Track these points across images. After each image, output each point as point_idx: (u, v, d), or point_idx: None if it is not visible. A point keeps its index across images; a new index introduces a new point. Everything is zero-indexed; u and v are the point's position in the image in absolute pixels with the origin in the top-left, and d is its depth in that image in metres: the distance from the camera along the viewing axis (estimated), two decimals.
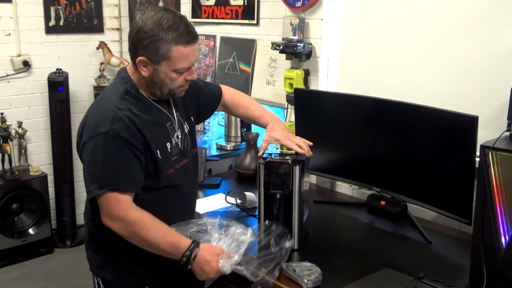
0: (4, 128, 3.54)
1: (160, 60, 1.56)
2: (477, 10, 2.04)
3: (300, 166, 1.79)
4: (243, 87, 3.04)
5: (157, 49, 1.54)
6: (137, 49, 1.57)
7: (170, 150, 1.70)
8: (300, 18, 2.59)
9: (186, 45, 1.56)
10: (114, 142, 1.55)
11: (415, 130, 2.02)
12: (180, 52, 1.56)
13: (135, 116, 1.59)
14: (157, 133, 1.66)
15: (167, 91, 1.65)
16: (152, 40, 1.53)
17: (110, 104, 1.60)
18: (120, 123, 1.56)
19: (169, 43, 1.54)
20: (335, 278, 1.66)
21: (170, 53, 1.55)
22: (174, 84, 1.63)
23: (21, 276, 3.48)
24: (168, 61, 1.56)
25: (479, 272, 1.52)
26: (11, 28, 3.64)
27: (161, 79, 1.61)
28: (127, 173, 1.58)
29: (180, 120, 1.78)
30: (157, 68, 1.58)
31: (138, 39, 1.56)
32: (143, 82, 1.65)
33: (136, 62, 1.59)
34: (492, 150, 1.48)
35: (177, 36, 1.54)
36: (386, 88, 2.29)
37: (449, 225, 2.11)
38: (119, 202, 1.58)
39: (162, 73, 1.59)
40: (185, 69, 1.61)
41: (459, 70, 2.12)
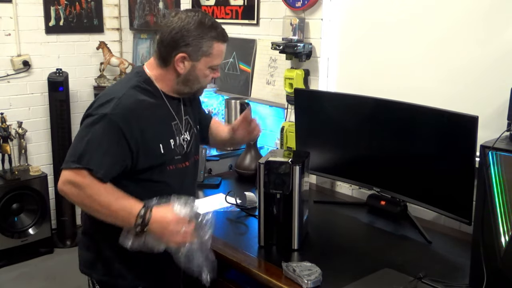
0: (4, 128, 3.54)
1: (200, 56, 1.65)
2: (477, 10, 2.04)
3: (300, 166, 1.79)
4: (243, 87, 3.04)
5: (201, 46, 1.63)
6: (177, 46, 1.63)
7: (173, 147, 1.71)
8: (300, 18, 2.59)
9: (223, 43, 1.69)
10: (110, 126, 1.56)
11: (415, 130, 2.02)
12: (219, 49, 1.68)
13: (141, 107, 1.62)
14: (161, 127, 1.69)
15: (197, 88, 1.74)
16: (197, 38, 1.63)
17: (120, 90, 1.63)
18: (123, 111, 1.58)
19: (211, 40, 1.65)
20: (335, 278, 1.66)
21: (211, 50, 1.65)
22: (205, 81, 1.72)
23: (21, 276, 3.47)
24: (208, 57, 1.66)
25: (479, 272, 1.52)
26: (11, 28, 3.64)
27: (196, 75, 1.68)
28: (105, 159, 1.56)
29: (190, 123, 1.81)
30: (195, 64, 1.66)
31: (182, 36, 1.63)
32: (171, 80, 1.69)
33: (176, 58, 1.64)
34: (492, 150, 1.48)
35: (217, 35, 1.66)
36: (386, 88, 2.29)
37: (449, 225, 2.11)
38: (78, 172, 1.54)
39: (198, 70, 1.67)
40: (217, 66, 1.71)
41: (459, 70, 2.12)
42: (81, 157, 1.54)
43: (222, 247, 1.88)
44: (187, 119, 1.80)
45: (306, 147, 2.39)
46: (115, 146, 1.57)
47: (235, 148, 2.79)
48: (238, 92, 3.07)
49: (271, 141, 2.92)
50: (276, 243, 1.88)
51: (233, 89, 3.11)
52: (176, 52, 1.64)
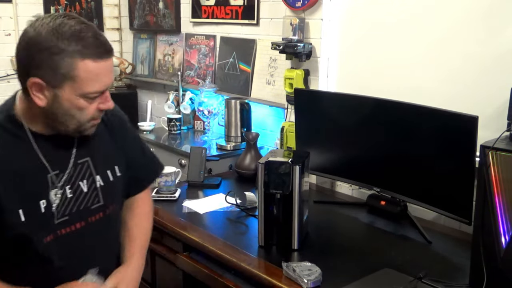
0: None
1: (61, 81, 1.17)
2: (477, 10, 2.04)
3: (300, 166, 1.79)
4: (243, 87, 3.04)
5: (57, 66, 1.15)
6: (27, 68, 1.18)
7: (44, 210, 1.27)
8: (300, 18, 2.59)
9: (97, 59, 1.18)
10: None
11: (415, 130, 2.02)
12: (89, 70, 1.18)
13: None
14: (25, 185, 1.24)
15: (75, 125, 1.25)
16: (49, 54, 1.15)
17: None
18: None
19: (73, 57, 1.16)
20: (335, 278, 1.66)
21: (75, 71, 1.17)
22: (83, 115, 1.24)
23: None
24: (73, 82, 1.18)
25: (479, 272, 1.52)
26: (11, 28, 3.65)
27: (64, 109, 1.21)
28: None
29: (90, 168, 1.36)
30: (58, 93, 1.19)
31: (29, 55, 1.17)
32: (38, 116, 1.25)
33: (28, 86, 1.19)
34: (492, 150, 1.48)
35: (83, 48, 1.16)
36: (386, 88, 2.29)
37: (449, 225, 2.11)
38: None
39: (65, 101, 1.20)
40: (97, 93, 1.22)
41: (459, 70, 2.12)
42: None
43: (222, 247, 1.88)
44: (85, 163, 1.35)
45: (306, 147, 2.39)
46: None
47: None
48: (238, 92, 3.07)
49: (271, 141, 2.92)
50: (276, 243, 1.88)
51: (233, 89, 3.11)
52: (27, 77, 1.18)
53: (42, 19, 1.19)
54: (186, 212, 2.21)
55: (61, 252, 1.30)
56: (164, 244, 2.16)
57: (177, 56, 3.59)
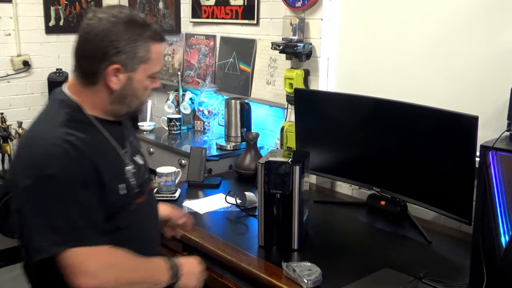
0: (4, 128, 3.54)
1: (137, 64, 1.33)
2: (478, 10, 2.04)
3: (300, 166, 1.79)
4: (243, 87, 3.04)
5: (136, 51, 1.32)
6: (106, 57, 1.30)
7: (130, 183, 1.42)
8: (300, 18, 2.59)
9: (161, 42, 1.38)
10: (66, 185, 1.25)
11: (415, 130, 2.02)
12: (158, 51, 1.36)
13: (85, 147, 1.29)
14: (114, 163, 1.39)
15: (136, 105, 1.41)
16: (130, 41, 1.30)
17: (52, 136, 1.28)
18: (70, 161, 1.26)
19: (148, 41, 1.33)
20: (335, 278, 1.66)
21: (149, 54, 1.34)
22: (146, 94, 1.40)
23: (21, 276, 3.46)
24: (146, 64, 1.34)
25: (479, 272, 1.52)
26: (11, 28, 3.65)
27: (133, 89, 1.36)
28: (90, 221, 1.29)
29: (135, 146, 1.54)
30: (132, 75, 1.34)
31: (110, 43, 1.29)
32: (103, 101, 1.37)
33: (107, 72, 1.31)
34: (492, 150, 1.48)
35: (153, 34, 1.35)
36: (386, 88, 2.29)
37: (449, 225, 2.11)
38: (96, 253, 1.29)
39: (136, 82, 1.35)
40: (157, 74, 1.40)
41: (459, 70, 2.12)
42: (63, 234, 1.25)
43: (222, 247, 1.88)
44: (132, 141, 1.52)
45: (306, 147, 2.39)
46: (88, 200, 1.29)
47: None
48: (238, 92, 3.07)
49: (271, 141, 2.92)
50: (276, 243, 1.88)
51: (233, 89, 3.11)
52: (106, 64, 1.30)
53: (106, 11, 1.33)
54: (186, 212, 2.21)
55: (142, 219, 1.47)
56: (164, 244, 2.15)
57: (177, 56, 3.59)
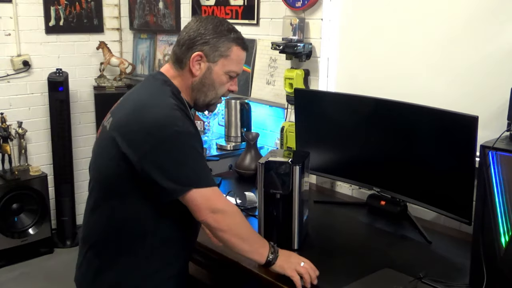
0: (4, 128, 3.54)
1: (217, 57, 1.57)
2: (478, 10, 2.04)
3: (300, 166, 1.79)
4: (243, 87, 3.04)
5: (219, 45, 1.56)
6: (194, 44, 1.55)
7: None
8: (300, 18, 2.60)
9: (243, 49, 1.61)
10: (196, 140, 1.53)
11: (415, 130, 2.02)
12: (238, 54, 1.59)
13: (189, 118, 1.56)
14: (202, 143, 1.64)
15: (212, 96, 1.62)
16: (215, 36, 1.55)
17: (168, 103, 1.52)
18: (190, 123, 1.53)
19: (231, 42, 1.57)
20: (335, 278, 1.66)
21: (229, 52, 1.57)
22: (220, 90, 1.62)
23: (21, 276, 3.48)
24: (226, 59, 1.57)
25: (479, 272, 1.52)
26: (11, 28, 3.64)
27: (212, 80, 1.59)
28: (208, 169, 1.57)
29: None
30: (212, 66, 1.57)
31: (199, 34, 1.55)
32: (188, 86, 1.60)
33: (191, 58, 1.56)
34: (492, 150, 1.48)
35: (237, 38, 1.59)
36: (386, 88, 2.29)
37: (449, 225, 2.11)
38: (220, 195, 1.56)
39: (215, 73, 1.58)
40: (235, 74, 1.62)
41: (459, 70, 2.12)
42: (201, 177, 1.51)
43: (222, 247, 1.87)
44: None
45: (306, 147, 2.39)
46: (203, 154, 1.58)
47: None
48: (238, 92, 3.06)
49: (271, 141, 2.92)
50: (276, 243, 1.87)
51: None
52: (192, 51, 1.56)
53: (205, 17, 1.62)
54: None
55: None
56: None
57: None
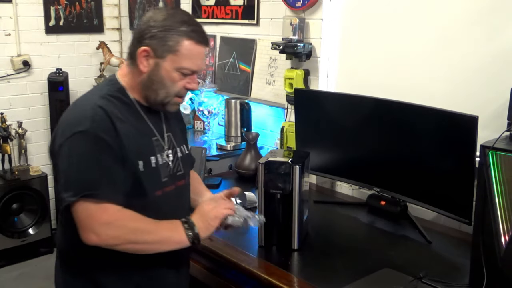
0: (4, 128, 3.54)
1: (165, 52, 1.42)
2: (478, 10, 2.04)
3: (300, 166, 1.79)
4: (243, 87, 3.04)
5: (166, 39, 1.41)
6: (142, 39, 1.43)
7: (155, 166, 1.49)
8: (300, 18, 2.59)
9: (198, 44, 1.44)
10: (94, 142, 1.37)
11: (415, 130, 2.02)
12: (190, 49, 1.43)
13: (116, 117, 1.42)
14: (139, 142, 1.47)
15: (163, 95, 1.47)
16: (164, 29, 1.41)
17: (91, 102, 1.43)
18: (101, 123, 1.39)
19: (181, 36, 1.42)
20: (335, 278, 1.66)
21: (178, 47, 1.42)
22: (173, 87, 1.46)
23: (21, 276, 3.47)
24: (175, 55, 1.42)
25: (479, 272, 1.52)
26: (11, 28, 3.64)
27: (161, 77, 1.45)
28: (109, 179, 1.38)
29: (172, 141, 1.59)
30: (160, 62, 1.43)
31: (147, 28, 1.43)
32: (138, 83, 1.48)
33: (137, 53, 1.44)
34: (492, 150, 1.48)
35: (190, 31, 1.43)
36: (386, 88, 2.29)
37: (449, 225, 2.11)
38: (104, 210, 1.35)
39: (163, 70, 1.44)
40: (189, 71, 1.46)
41: (459, 70, 2.12)
42: (82, 185, 1.35)
43: (222, 247, 1.88)
44: (169, 137, 1.58)
45: (306, 147, 2.39)
46: (111, 160, 1.38)
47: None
48: (238, 92, 3.07)
49: (271, 141, 2.92)
50: (276, 243, 1.88)
51: (233, 89, 3.11)
52: (140, 45, 1.43)
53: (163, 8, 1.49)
54: None
55: (165, 206, 1.51)
56: None
57: None
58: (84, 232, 1.37)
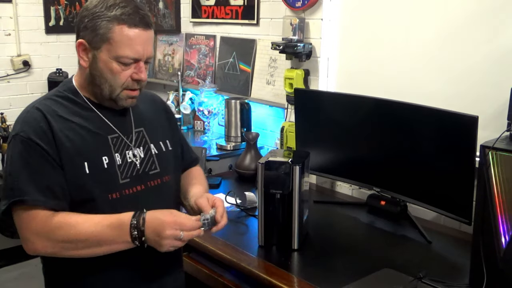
0: (4, 128, 3.54)
1: (99, 42, 1.31)
2: (478, 10, 2.04)
3: (300, 166, 1.79)
4: (243, 87, 3.04)
5: (97, 28, 1.29)
6: (78, 31, 1.34)
7: (109, 166, 1.37)
8: (300, 18, 2.59)
9: (132, 27, 1.30)
10: (24, 145, 1.30)
11: (415, 130, 2.02)
12: (123, 34, 1.30)
13: (56, 118, 1.33)
14: (87, 142, 1.36)
15: (108, 90, 1.36)
16: (93, 18, 1.30)
17: (31, 105, 1.37)
18: (33, 124, 1.31)
19: (110, 21, 1.29)
20: (335, 278, 1.66)
21: (110, 33, 1.29)
22: (115, 80, 1.34)
23: (21, 276, 3.47)
24: (108, 44, 1.30)
25: (479, 272, 1.52)
26: (11, 28, 3.64)
27: (100, 70, 1.33)
28: (38, 184, 1.29)
29: (145, 138, 1.48)
30: (97, 54, 1.32)
31: (80, 19, 1.33)
32: (84, 80, 1.39)
33: (76, 47, 1.35)
34: (492, 150, 1.48)
35: (121, 14, 1.29)
36: (386, 88, 2.29)
37: (449, 225, 2.11)
38: (33, 218, 1.28)
39: (101, 62, 1.32)
40: (129, 59, 1.33)
41: (459, 70, 2.12)
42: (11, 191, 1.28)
43: (222, 247, 1.88)
44: (140, 133, 1.47)
45: (306, 147, 2.39)
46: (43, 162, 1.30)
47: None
48: (238, 92, 3.07)
49: (271, 141, 2.92)
50: (276, 243, 1.88)
51: (233, 89, 3.11)
52: (77, 39, 1.34)
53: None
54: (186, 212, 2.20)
55: (127, 209, 1.34)
56: None
57: (177, 56, 3.58)
58: (22, 242, 1.32)
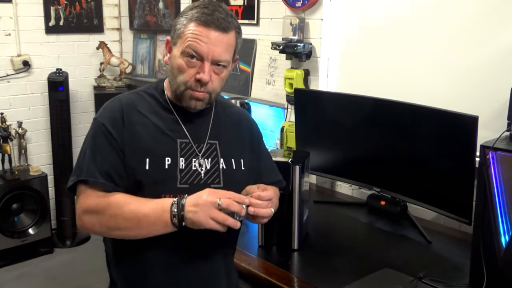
0: (4, 128, 3.54)
1: (176, 38, 1.37)
2: (478, 10, 2.04)
3: (300, 166, 1.79)
4: (243, 87, 3.04)
5: (176, 25, 1.38)
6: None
7: (168, 167, 1.37)
8: (300, 18, 2.60)
9: (202, 25, 1.33)
10: (98, 129, 1.38)
11: (415, 130, 2.02)
12: (192, 29, 1.33)
13: (133, 111, 1.39)
14: (156, 140, 1.38)
15: (175, 86, 1.38)
16: (178, 17, 1.39)
17: (118, 96, 1.46)
18: (110, 112, 1.39)
19: (187, 19, 1.35)
20: (335, 278, 1.66)
21: (184, 29, 1.35)
22: (180, 77, 1.36)
23: (21, 276, 3.47)
24: (180, 39, 1.35)
25: (479, 272, 1.52)
26: (11, 28, 3.64)
27: (171, 65, 1.39)
28: (100, 167, 1.34)
29: (216, 150, 1.45)
30: (173, 50, 1.38)
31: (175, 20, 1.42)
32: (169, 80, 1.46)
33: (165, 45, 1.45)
34: (492, 150, 1.48)
35: (197, 13, 1.34)
36: (386, 88, 2.29)
37: (449, 225, 2.11)
38: (88, 197, 1.34)
39: (174, 57, 1.38)
40: (193, 53, 1.33)
41: (459, 70, 2.12)
42: (80, 171, 1.35)
43: None
44: (213, 144, 1.45)
45: (306, 147, 2.39)
46: (109, 147, 1.35)
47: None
48: (238, 92, 3.07)
49: (271, 141, 2.92)
50: (276, 243, 1.88)
51: (233, 89, 3.11)
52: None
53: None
54: None
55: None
56: None
57: None
58: (76, 217, 1.38)
